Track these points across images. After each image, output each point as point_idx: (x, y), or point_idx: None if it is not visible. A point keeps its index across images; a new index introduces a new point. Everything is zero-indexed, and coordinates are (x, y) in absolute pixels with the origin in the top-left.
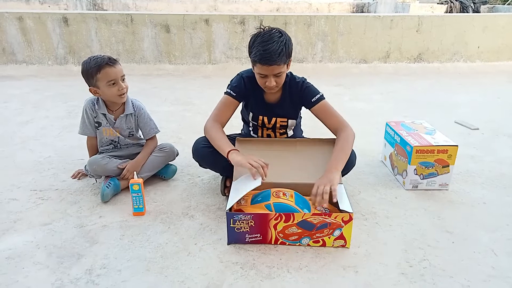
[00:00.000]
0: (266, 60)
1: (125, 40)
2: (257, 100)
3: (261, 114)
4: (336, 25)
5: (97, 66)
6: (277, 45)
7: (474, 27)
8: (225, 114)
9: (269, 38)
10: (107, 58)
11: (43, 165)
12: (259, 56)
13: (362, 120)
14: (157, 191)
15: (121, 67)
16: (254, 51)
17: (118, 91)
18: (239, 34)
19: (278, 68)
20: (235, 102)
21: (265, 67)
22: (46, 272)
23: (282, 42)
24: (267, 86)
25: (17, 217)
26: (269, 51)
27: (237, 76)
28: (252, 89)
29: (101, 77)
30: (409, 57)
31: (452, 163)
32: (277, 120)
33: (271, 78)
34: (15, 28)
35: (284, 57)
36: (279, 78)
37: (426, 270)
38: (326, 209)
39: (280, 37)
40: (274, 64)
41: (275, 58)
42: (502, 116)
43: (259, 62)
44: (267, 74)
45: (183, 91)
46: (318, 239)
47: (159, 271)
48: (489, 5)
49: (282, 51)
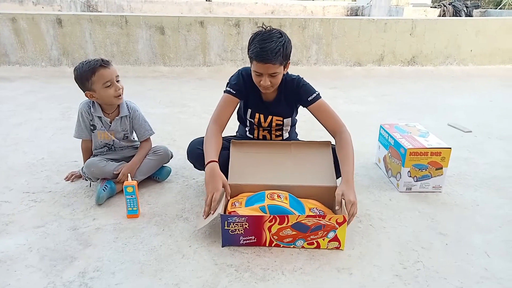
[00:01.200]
0: (262, 58)
1: (119, 42)
2: (255, 98)
3: (258, 112)
4: (330, 28)
5: (91, 69)
6: (275, 44)
7: (467, 31)
8: (225, 114)
9: (268, 37)
10: (100, 60)
11: (36, 167)
12: (255, 53)
13: (357, 122)
14: (151, 194)
15: (114, 68)
16: (252, 48)
17: (115, 92)
18: (234, 37)
19: (273, 67)
20: (235, 100)
21: (261, 65)
22: (39, 275)
23: (281, 43)
24: (262, 85)
25: (9, 219)
26: (266, 49)
27: (236, 73)
28: (250, 86)
29: (96, 79)
30: (402, 60)
31: (445, 165)
32: (273, 118)
33: (265, 77)
34: (8, 29)
35: (280, 57)
36: (274, 79)
37: (420, 272)
38: (321, 211)
39: (279, 37)
40: (269, 62)
41: (271, 57)
42: (495, 119)
43: (255, 59)
44: (262, 72)
45: (178, 93)
46: (312, 241)
47: (153, 273)
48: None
49: (279, 51)
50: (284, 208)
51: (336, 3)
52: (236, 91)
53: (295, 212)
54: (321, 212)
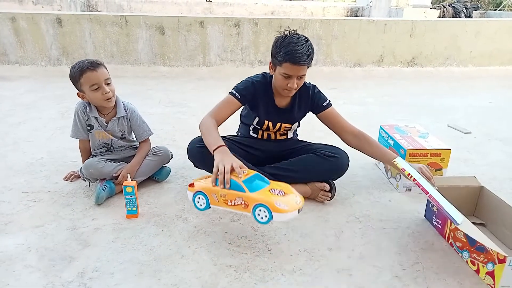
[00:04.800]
0: (297, 59)
1: (119, 41)
2: (267, 105)
3: (267, 119)
4: (330, 28)
5: (79, 71)
6: (306, 48)
7: (466, 32)
8: (224, 113)
9: (298, 40)
10: (88, 63)
11: (35, 166)
12: (290, 55)
13: (356, 123)
14: (151, 194)
15: (105, 70)
16: (284, 51)
17: (102, 95)
18: (234, 37)
19: (304, 69)
20: (237, 103)
21: (294, 67)
22: (38, 275)
23: (309, 46)
24: (289, 87)
25: (8, 219)
26: (300, 52)
27: (246, 80)
28: (262, 94)
29: (83, 81)
30: (402, 61)
31: (445, 166)
32: (282, 125)
33: (294, 80)
34: (7, 28)
35: (311, 60)
36: (300, 81)
37: (419, 273)
38: (282, 191)
39: (306, 41)
40: (303, 64)
41: (305, 59)
42: (494, 120)
43: (289, 61)
44: (292, 74)
45: (178, 94)
46: (475, 261)
47: (152, 274)
48: (481, 11)
49: (310, 54)
50: (235, 182)
51: (336, 4)
52: (242, 96)
53: (245, 187)
54: (282, 194)
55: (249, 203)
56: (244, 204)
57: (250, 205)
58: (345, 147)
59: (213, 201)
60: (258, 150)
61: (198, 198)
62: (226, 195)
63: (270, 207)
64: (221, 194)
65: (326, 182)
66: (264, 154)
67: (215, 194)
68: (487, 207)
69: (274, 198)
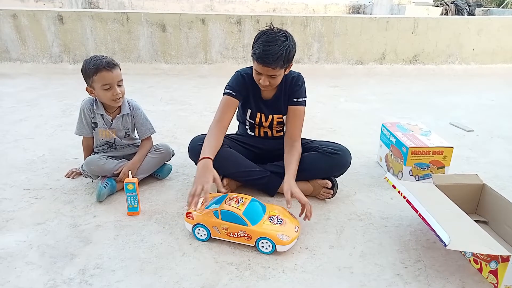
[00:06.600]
0: (262, 60)
1: (120, 39)
2: (255, 97)
3: (258, 111)
4: (332, 26)
5: (95, 68)
6: (278, 48)
7: (469, 30)
8: (227, 116)
9: (273, 39)
10: (105, 62)
11: (36, 164)
12: (257, 54)
13: (358, 121)
14: (152, 191)
15: (119, 72)
16: (255, 48)
17: (112, 96)
18: (235, 34)
19: (272, 70)
20: (235, 101)
21: (260, 66)
22: (39, 272)
23: (284, 47)
24: (260, 84)
25: (10, 216)
26: (268, 52)
27: (235, 74)
28: (251, 85)
29: (97, 79)
30: (404, 58)
31: (447, 164)
32: (274, 117)
33: (265, 78)
34: (9, 25)
35: (281, 62)
36: (274, 80)
37: (421, 271)
38: (281, 220)
39: (284, 41)
40: (269, 66)
41: (271, 61)
42: (497, 118)
43: (256, 59)
44: (262, 72)
45: (179, 91)
46: (478, 260)
47: (154, 271)
48: (483, 8)
49: (280, 56)
50: (235, 215)
51: (338, 1)
52: (236, 92)
53: (247, 220)
54: (280, 222)
55: (252, 236)
56: (247, 236)
57: (253, 238)
58: (346, 144)
59: (215, 233)
60: (258, 148)
61: (199, 230)
62: (228, 228)
63: (274, 241)
64: (223, 226)
65: (328, 179)
66: (264, 151)
67: (217, 227)
68: (489, 205)
69: (276, 230)
